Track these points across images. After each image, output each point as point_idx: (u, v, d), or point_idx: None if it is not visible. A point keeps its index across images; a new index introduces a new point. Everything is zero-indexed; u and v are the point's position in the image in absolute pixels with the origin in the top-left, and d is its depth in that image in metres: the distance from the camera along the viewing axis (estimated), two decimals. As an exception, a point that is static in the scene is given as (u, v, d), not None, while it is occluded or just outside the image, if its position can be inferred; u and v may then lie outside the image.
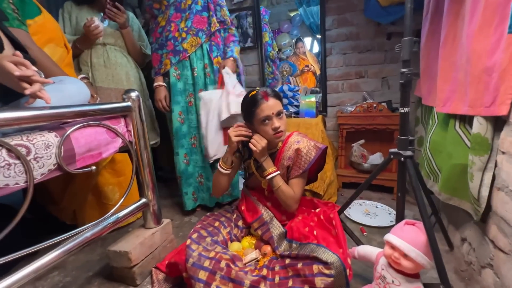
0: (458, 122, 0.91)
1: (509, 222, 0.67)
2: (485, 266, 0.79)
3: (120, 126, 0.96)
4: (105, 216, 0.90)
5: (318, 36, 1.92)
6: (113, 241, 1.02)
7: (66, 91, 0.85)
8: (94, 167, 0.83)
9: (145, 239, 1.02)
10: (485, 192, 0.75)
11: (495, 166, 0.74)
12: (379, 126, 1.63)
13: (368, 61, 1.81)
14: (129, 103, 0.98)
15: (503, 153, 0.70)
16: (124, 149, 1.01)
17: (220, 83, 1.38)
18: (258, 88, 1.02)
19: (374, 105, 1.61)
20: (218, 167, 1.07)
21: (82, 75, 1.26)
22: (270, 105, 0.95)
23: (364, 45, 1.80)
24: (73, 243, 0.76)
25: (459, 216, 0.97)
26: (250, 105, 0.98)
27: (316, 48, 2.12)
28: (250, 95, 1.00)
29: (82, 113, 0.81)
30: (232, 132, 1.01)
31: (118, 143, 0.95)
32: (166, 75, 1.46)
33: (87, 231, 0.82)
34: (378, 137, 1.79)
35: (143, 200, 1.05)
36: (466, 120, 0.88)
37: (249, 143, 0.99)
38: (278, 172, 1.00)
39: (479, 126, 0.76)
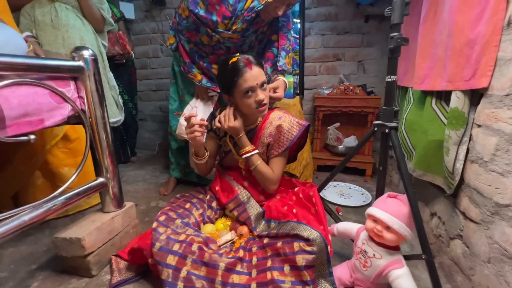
0: (435, 99, 0.92)
1: (481, 192, 0.68)
2: (454, 237, 0.82)
3: (68, 90, 0.79)
4: (49, 197, 0.74)
5: (296, 20, 1.85)
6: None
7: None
8: (33, 136, 0.67)
9: (103, 224, 0.88)
10: (459, 165, 0.77)
11: (470, 140, 0.75)
12: (355, 108, 1.64)
13: (346, 44, 1.80)
14: (80, 63, 0.81)
15: (479, 126, 0.71)
16: (76, 121, 0.85)
17: None
18: (238, 54, 0.88)
19: (351, 87, 1.61)
20: (192, 157, 0.98)
21: (27, 33, 1.01)
22: (254, 75, 0.85)
23: (343, 27, 1.78)
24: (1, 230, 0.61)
25: (429, 193, 1.00)
26: (231, 74, 0.86)
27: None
28: (230, 62, 0.86)
29: (14, 66, 0.64)
30: (188, 132, 0.87)
31: (66, 110, 0.78)
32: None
33: (24, 214, 0.67)
34: (352, 121, 1.82)
35: (100, 179, 0.91)
36: (443, 97, 0.89)
37: (214, 120, 0.91)
38: (256, 150, 0.93)
39: (457, 101, 0.76)
